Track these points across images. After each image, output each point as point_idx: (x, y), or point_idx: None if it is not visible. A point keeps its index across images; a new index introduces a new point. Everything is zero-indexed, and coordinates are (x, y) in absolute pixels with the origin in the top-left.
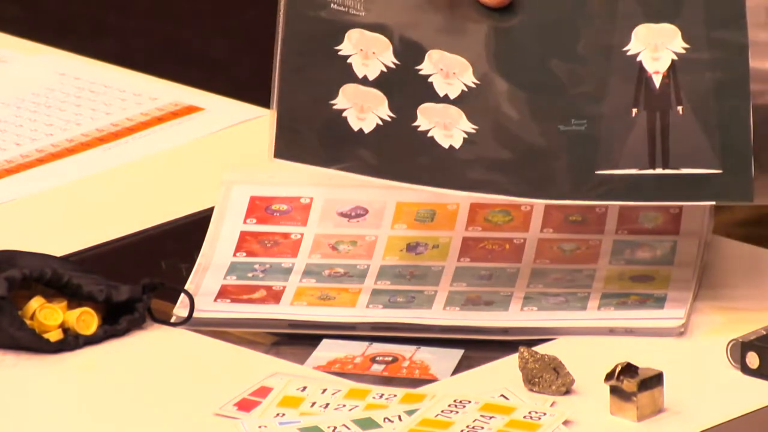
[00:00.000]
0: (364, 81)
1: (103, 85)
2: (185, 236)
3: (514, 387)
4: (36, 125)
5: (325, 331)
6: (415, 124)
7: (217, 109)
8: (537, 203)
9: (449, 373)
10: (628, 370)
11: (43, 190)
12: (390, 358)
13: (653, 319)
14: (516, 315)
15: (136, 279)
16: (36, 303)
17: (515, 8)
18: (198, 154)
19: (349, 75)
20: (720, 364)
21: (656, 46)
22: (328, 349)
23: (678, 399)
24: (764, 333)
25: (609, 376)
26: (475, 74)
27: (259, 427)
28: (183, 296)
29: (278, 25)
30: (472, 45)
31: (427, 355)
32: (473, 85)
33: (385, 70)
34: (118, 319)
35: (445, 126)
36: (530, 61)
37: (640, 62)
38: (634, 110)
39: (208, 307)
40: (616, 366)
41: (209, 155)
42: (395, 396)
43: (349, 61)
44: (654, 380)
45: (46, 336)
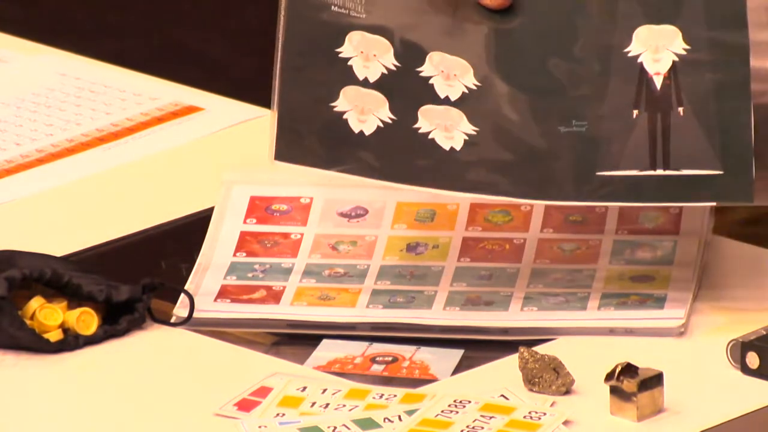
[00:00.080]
0: (365, 83)
1: (103, 85)
2: (185, 236)
3: (514, 387)
4: (36, 125)
5: (325, 331)
6: (415, 126)
7: (217, 109)
8: (537, 204)
9: (449, 373)
10: (628, 370)
11: (43, 190)
12: (390, 358)
13: (653, 319)
14: (516, 315)
15: (136, 279)
16: (36, 303)
17: (516, 10)
18: (198, 154)
19: (349, 77)
20: (720, 364)
21: (657, 48)
22: (328, 349)
23: (678, 399)
24: (764, 333)
25: (609, 377)
26: (476, 76)
27: (259, 427)
28: (183, 296)
29: (278, 27)
30: (472, 47)
31: (427, 355)
32: (474, 87)
33: (385, 72)
34: (118, 319)
35: (446, 128)
36: (531, 63)
37: (641, 63)
38: (635, 111)
39: (208, 307)
40: (616, 366)
41: (209, 155)
42: (395, 396)
43: (349, 63)
44: (654, 380)
45: (46, 336)
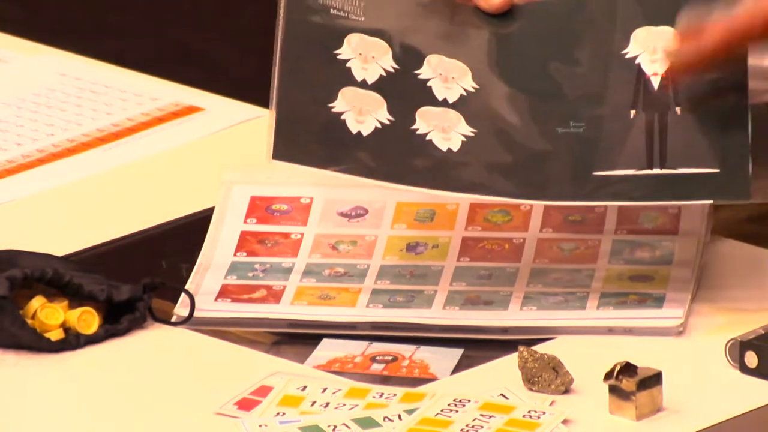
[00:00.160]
0: (363, 84)
1: (104, 85)
2: (186, 236)
3: (513, 386)
4: (37, 125)
5: (326, 330)
6: (413, 127)
7: (218, 109)
8: (536, 204)
9: (449, 373)
10: (627, 369)
11: (45, 190)
12: (390, 358)
13: (652, 319)
14: (515, 314)
15: (137, 278)
16: (37, 302)
17: (515, 14)
18: (198, 154)
19: (348, 78)
20: (719, 363)
21: (655, 49)
22: (328, 349)
23: (677, 398)
24: (763, 332)
25: (608, 376)
26: (474, 79)
27: (260, 426)
28: (183, 296)
29: (277, 29)
30: (471, 50)
31: (426, 354)
32: (472, 90)
33: (384, 74)
34: (119, 318)
35: (444, 129)
36: (529, 66)
37: (639, 64)
38: (633, 111)
39: (209, 307)
40: (615, 365)
41: (210, 155)
42: (395, 395)
43: (348, 64)
44: (653, 379)
45: (47, 335)
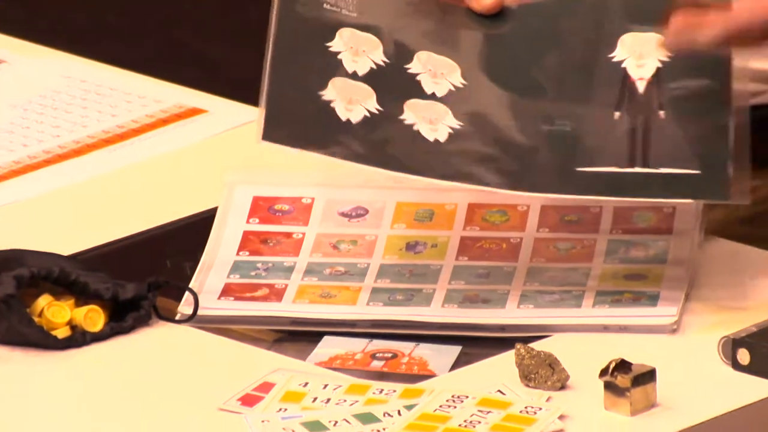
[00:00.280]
0: (354, 76)
1: (109, 87)
2: (189, 236)
3: (510, 382)
4: (43, 127)
5: (327, 328)
6: (401, 117)
7: (220, 111)
8: (532, 202)
9: (447, 369)
10: (622, 366)
11: (51, 190)
12: (390, 355)
13: (646, 317)
14: (513, 312)
15: (142, 277)
16: (44, 301)
17: (505, 15)
18: (201, 155)
19: (338, 69)
20: (711, 360)
21: (641, 54)
22: (330, 346)
23: (670, 394)
24: (755, 330)
25: (603, 372)
26: (463, 76)
27: (262, 421)
28: (187, 294)
29: (271, 20)
30: (461, 49)
31: (425, 351)
32: (461, 86)
33: (374, 67)
34: (125, 316)
35: (431, 121)
36: (518, 66)
37: (625, 68)
38: (617, 114)
39: (212, 305)
40: (610, 362)
41: (212, 156)
42: (395, 391)
43: (339, 56)
44: (647, 376)
45: (54, 333)
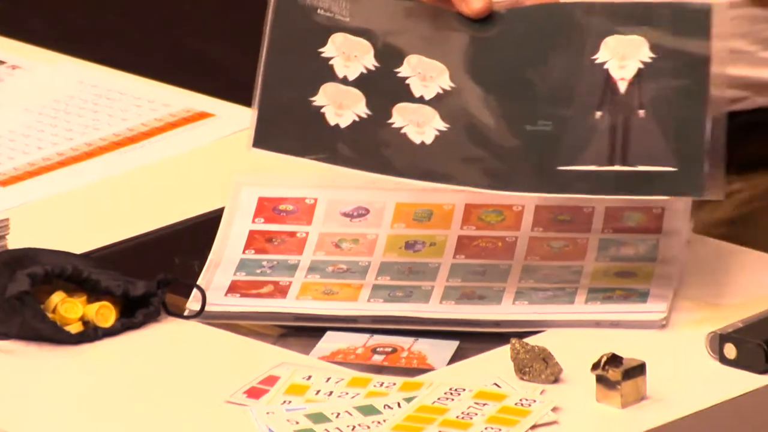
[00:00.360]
0: (344, 81)
1: (120, 92)
2: (197, 235)
3: (506, 376)
4: (56, 130)
5: (329, 323)
6: (389, 121)
7: (227, 115)
8: (527, 203)
9: (445, 363)
10: (613, 360)
11: (64, 191)
12: (390, 349)
13: (637, 313)
14: (508, 308)
15: (152, 275)
16: (57, 297)
17: (494, 20)
18: (209, 157)
19: (330, 75)
20: (699, 354)
21: (624, 56)
22: (332, 341)
23: (660, 387)
24: (741, 326)
25: (595, 366)
26: (451, 79)
27: (267, 413)
28: (195, 291)
29: (265, 25)
30: (450, 52)
31: (424, 346)
32: (449, 88)
33: (365, 71)
34: (135, 312)
35: (418, 124)
36: (504, 68)
37: (607, 70)
38: (598, 113)
39: (219, 301)
40: (602, 356)
41: (219, 158)
42: (395, 384)
43: (331, 62)
44: (637, 370)
45: (67, 328)
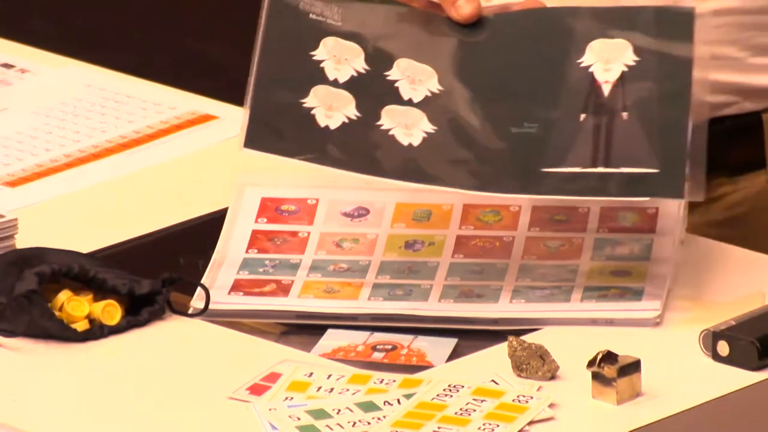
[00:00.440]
0: (335, 84)
1: (126, 95)
2: (201, 234)
3: (503, 373)
4: (64, 132)
5: (330, 321)
6: (378, 123)
7: (231, 117)
8: (523, 203)
9: (444, 360)
10: (609, 357)
11: (71, 192)
12: (390, 347)
13: (631, 311)
14: (505, 307)
15: (157, 274)
16: (64, 296)
17: (483, 25)
18: (213, 159)
19: (320, 78)
20: (693, 352)
21: (608, 59)
22: (333, 338)
23: (654, 384)
24: (734, 323)
25: (591, 363)
26: (440, 82)
27: (270, 409)
28: (199, 289)
29: (258, 29)
30: (439, 56)
31: (423, 343)
32: (437, 92)
33: (355, 74)
34: (140, 310)
35: (407, 126)
36: (492, 72)
37: (592, 73)
38: (583, 115)
39: (223, 300)
40: (598, 354)
41: (223, 160)
42: (394, 381)
43: (322, 65)
44: (632, 367)
45: (73, 326)
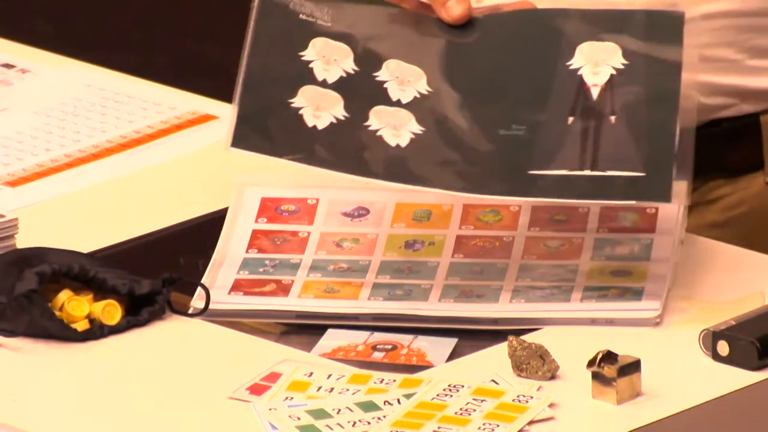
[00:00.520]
0: (323, 84)
1: (126, 95)
2: (201, 234)
3: (503, 373)
4: (64, 132)
5: (330, 321)
6: (366, 123)
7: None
8: (523, 203)
9: (444, 360)
10: (609, 357)
11: (71, 192)
12: (390, 346)
13: (631, 311)
14: (505, 306)
15: (157, 273)
16: (64, 296)
17: (473, 26)
18: (213, 158)
19: (309, 78)
20: (693, 352)
21: (597, 62)
22: (333, 338)
23: (654, 384)
24: (733, 323)
25: (591, 363)
26: (428, 83)
27: (270, 409)
28: (199, 289)
29: (248, 29)
30: (429, 57)
31: (423, 343)
32: (426, 93)
33: (344, 75)
34: (140, 310)
35: (395, 126)
36: (480, 73)
37: (581, 76)
38: (571, 118)
39: (223, 300)
40: (598, 353)
41: (223, 160)
42: (394, 381)
43: (310, 65)
44: (632, 367)
45: (73, 326)
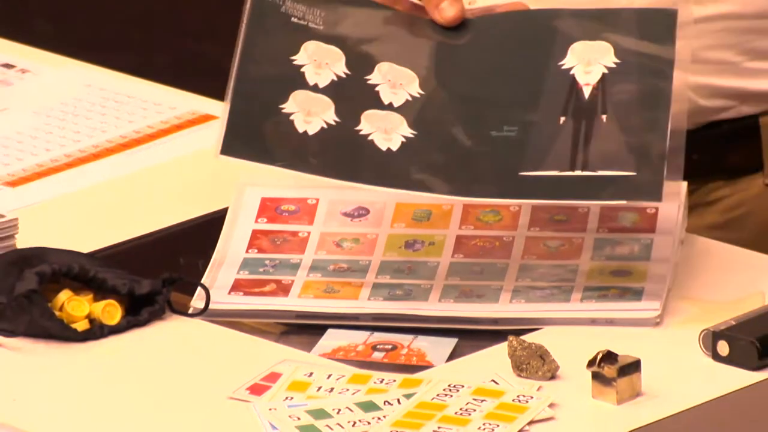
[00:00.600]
0: (315, 88)
1: (126, 95)
2: (201, 234)
3: (503, 373)
4: (64, 132)
5: (330, 321)
6: (357, 128)
7: None
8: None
9: (444, 360)
10: (609, 357)
11: (71, 192)
12: (390, 346)
13: (631, 311)
14: (505, 306)
15: (157, 273)
16: (64, 296)
17: (466, 27)
18: (213, 159)
19: (300, 83)
20: (693, 352)
21: (589, 61)
22: (333, 338)
23: (654, 384)
24: (734, 323)
25: (591, 363)
26: (421, 86)
27: (270, 409)
28: (200, 289)
29: (239, 33)
30: (421, 59)
31: (423, 343)
32: (418, 96)
33: (336, 79)
34: (140, 310)
35: (386, 131)
36: (473, 75)
37: (573, 75)
38: (562, 118)
39: (223, 300)
40: (598, 353)
41: (223, 160)
42: (394, 381)
43: (302, 70)
44: (632, 367)
45: (73, 326)
